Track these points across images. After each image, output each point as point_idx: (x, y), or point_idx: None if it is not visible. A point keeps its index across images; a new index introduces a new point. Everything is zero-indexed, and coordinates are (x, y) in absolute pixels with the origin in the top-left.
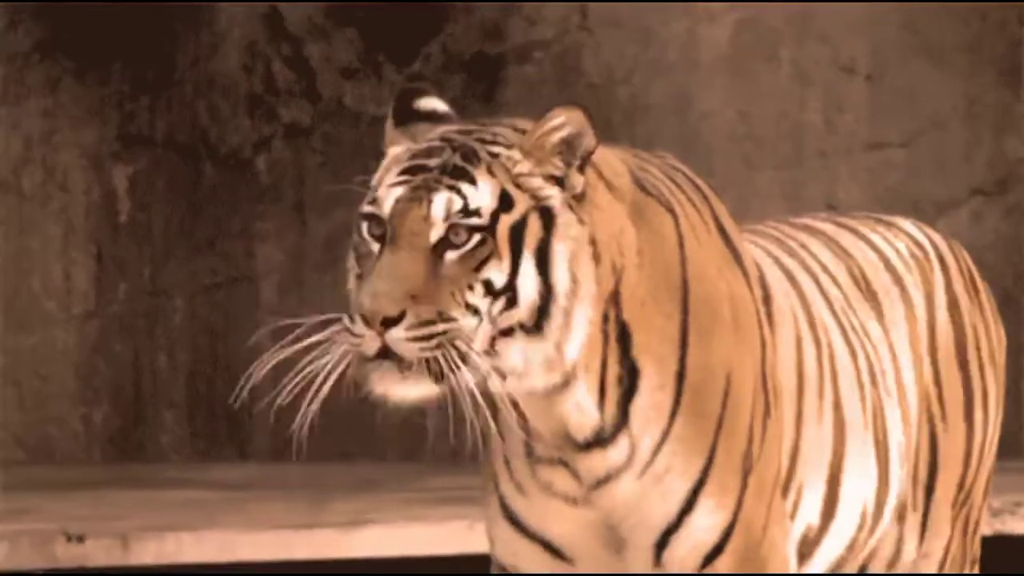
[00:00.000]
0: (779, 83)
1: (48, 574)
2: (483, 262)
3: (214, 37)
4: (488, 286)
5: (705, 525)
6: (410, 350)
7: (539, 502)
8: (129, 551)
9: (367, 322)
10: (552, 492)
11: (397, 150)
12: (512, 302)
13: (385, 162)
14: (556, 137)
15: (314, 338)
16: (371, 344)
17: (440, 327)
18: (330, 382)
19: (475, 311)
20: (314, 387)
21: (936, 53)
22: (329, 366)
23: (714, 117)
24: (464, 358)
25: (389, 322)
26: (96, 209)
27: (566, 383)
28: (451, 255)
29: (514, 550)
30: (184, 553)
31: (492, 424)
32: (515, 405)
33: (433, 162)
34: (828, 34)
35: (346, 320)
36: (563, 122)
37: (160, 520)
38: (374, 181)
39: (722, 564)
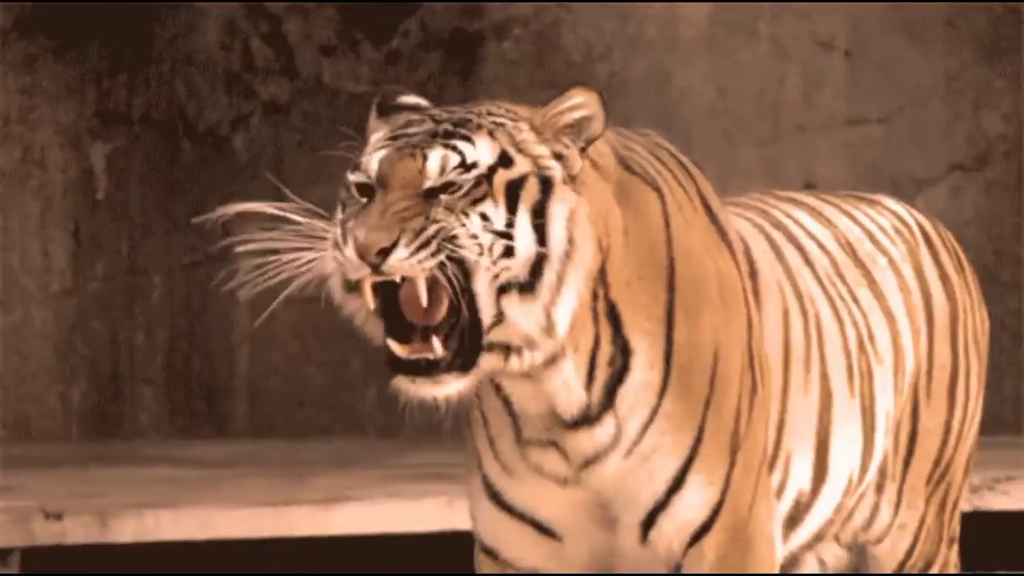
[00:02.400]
0: (758, 59)
1: (26, 551)
2: (478, 201)
3: (192, 14)
4: (484, 218)
5: (694, 503)
6: (413, 267)
7: (528, 483)
8: (107, 528)
9: (360, 255)
10: (542, 473)
11: (380, 132)
12: (509, 251)
13: (368, 145)
14: (571, 117)
15: (297, 238)
16: (359, 272)
17: (433, 228)
18: (299, 276)
19: (473, 233)
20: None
21: (915, 29)
22: (304, 264)
23: (693, 94)
24: (469, 260)
25: (383, 253)
26: (74, 187)
27: (555, 360)
28: (445, 196)
29: (498, 528)
30: (162, 530)
31: (476, 404)
32: (498, 389)
33: (414, 130)
34: (807, 10)
35: (337, 234)
36: (581, 102)
37: (138, 497)
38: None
39: (709, 542)
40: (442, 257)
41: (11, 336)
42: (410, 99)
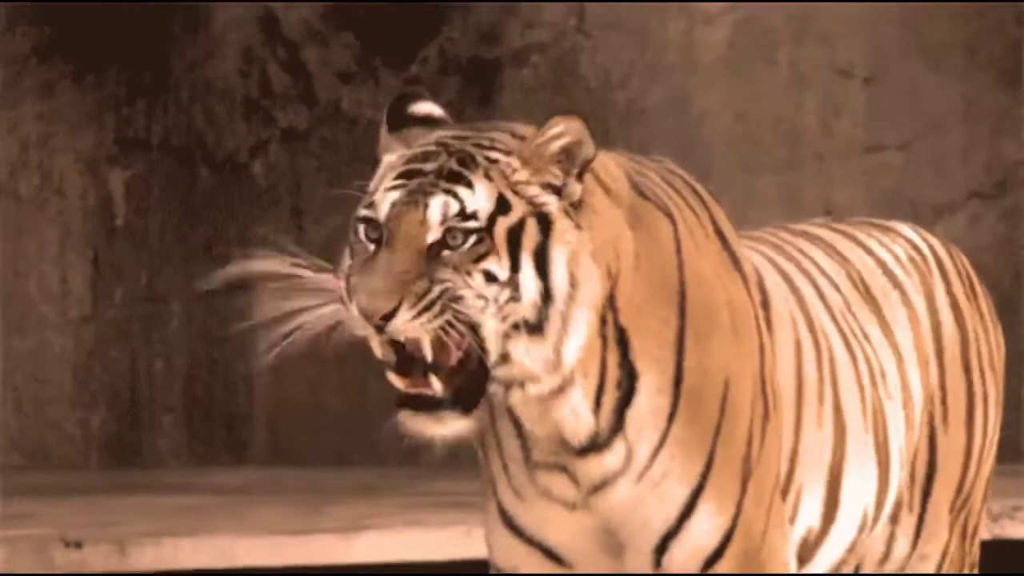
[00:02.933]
0: (777, 85)
1: None
2: (481, 257)
3: (210, 41)
4: (488, 276)
5: (705, 529)
6: (416, 329)
7: (538, 507)
8: (127, 557)
9: (365, 317)
10: (551, 497)
11: (392, 157)
12: (516, 296)
13: (380, 169)
14: (555, 146)
15: (310, 301)
16: (364, 329)
17: (436, 289)
18: (320, 323)
19: (479, 296)
20: (302, 329)
21: (934, 55)
22: (323, 317)
23: (711, 120)
24: (474, 314)
25: (387, 317)
26: (93, 213)
27: (563, 388)
28: (447, 254)
29: (512, 555)
30: (182, 559)
31: (491, 428)
32: (510, 411)
33: (429, 166)
34: (826, 36)
35: (343, 293)
36: (562, 131)
37: (158, 525)
38: (371, 187)
39: (722, 568)
40: (447, 317)
41: (30, 363)
42: (422, 108)
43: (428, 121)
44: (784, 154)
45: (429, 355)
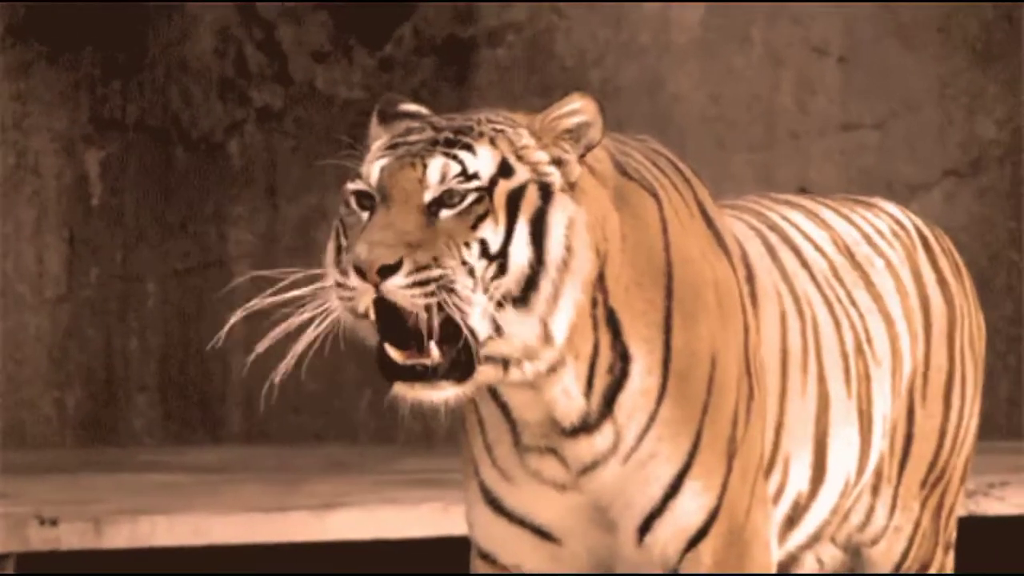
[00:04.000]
0: (751, 65)
1: (21, 556)
2: (479, 220)
3: (186, 21)
4: (483, 246)
5: (691, 508)
6: (407, 298)
7: (527, 489)
8: (102, 534)
9: (361, 274)
10: (541, 479)
11: (380, 140)
12: (502, 270)
13: (369, 153)
14: (569, 122)
15: (296, 292)
16: (364, 298)
17: (436, 272)
18: (313, 335)
19: (471, 271)
20: (300, 341)
21: (908, 34)
22: (315, 320)
23: (686, 99)
24: (463, 305)
25: (385, 272)
26: (68, 193)
27: (555, 368)
28: (446, 213)
29: (495, 533)
30: (157, 536)
31: (472, 410)
32: (496, 397)
33: (414, 138)
34: (800, 15)
35: (336, 274)
36: (579, 108)
37: (133, 503)
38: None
39: (706, 547)
40: (436, 300)
41: (6, 342)
42: (411, 106)
43: (417, 117)
44: (759, 133)
45: (426, 321)
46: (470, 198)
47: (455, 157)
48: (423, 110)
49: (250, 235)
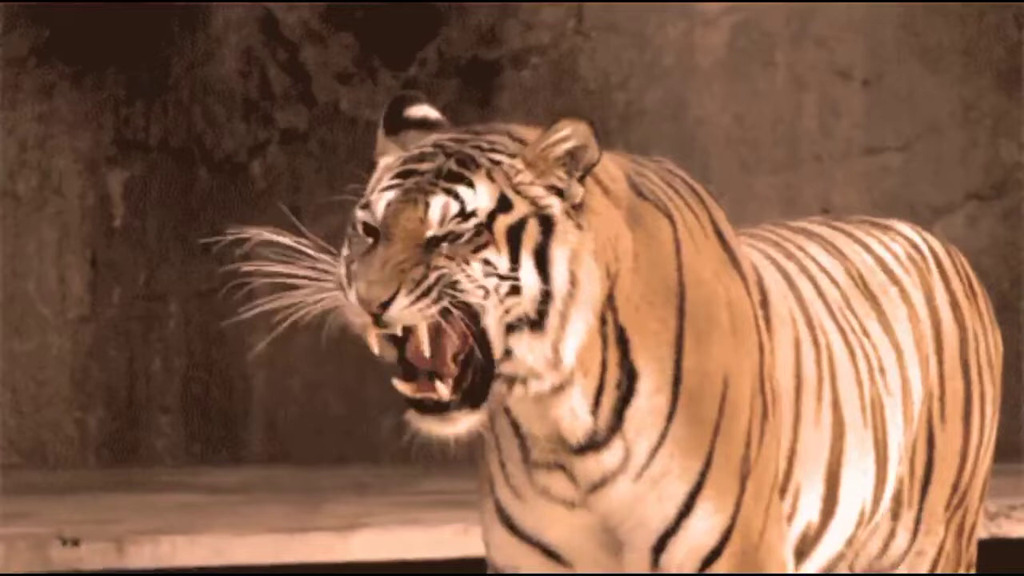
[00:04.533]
0: (775, 88)
1: None
2: (480, 248)
3: (210, 41)
4: (487, 265)
5: (703, 528)
6: (414, 315)
7: (536, 506)
8: (124, 555)
9: (363, 305)
10: (550, 496)
11: (388, 159)
12: (516, 289)
13: (377, 172)
14: (560, 149)
15: (308, 272)
16: (361, 317)
17: (433, 276)
18: (313, 303)
19: (475, 279)
20: (298, 312)
21: (932, 57)
22: (322, 301)
23: (710, 122)
24: (472, 308)
25: (384, 305)
26: (91, 214)
27: (562, 387)
28: (446, 246)
29: (510, 554)
30: (179, 557)
31: (489, 427)
32: (507, 411)
33: (425, 166)
34: (824, 38)
35: (342, 277)
36: (568, 134)
37: (155, 524)
38: (368, 190)
39: (720, 567)
40: (444, 303)
41: (28, 363)
42: (418, 111)
43: (425, 124)
44: (783, 156)
45: (427, 350)
46: (470, 232)
47: (456, 195)
48: (431, 114)
49: (270, 254)
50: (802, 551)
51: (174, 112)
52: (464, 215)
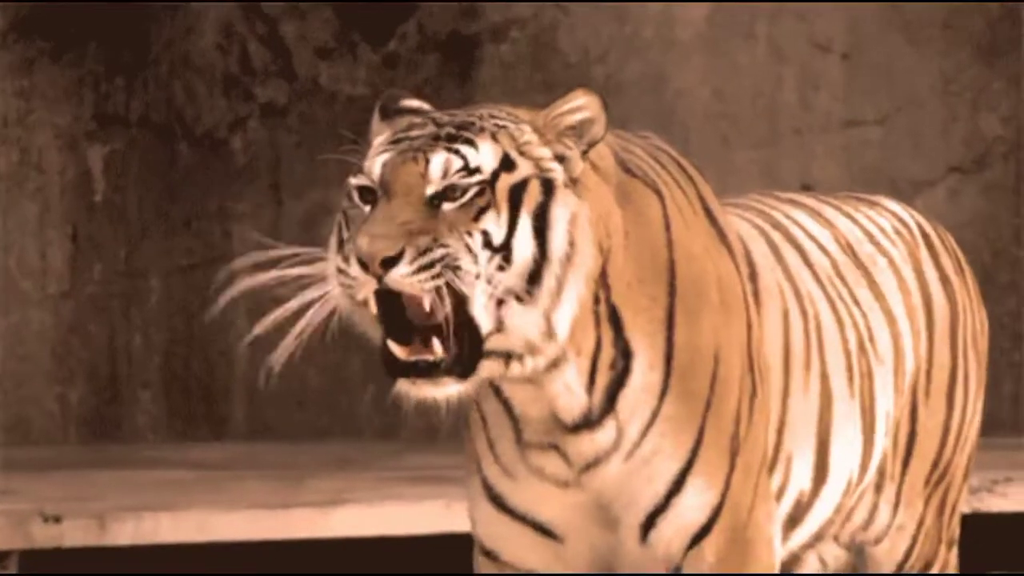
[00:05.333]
0: (755, 61)
1: (24, 553)
2: (481, 212)
3: (189, 17)
4: (486, 237)
5: (693, 505)
6: (414, 285)
7: (529, 485)
8: (106, 531)
9: (364, 266)
10: (543, 476)
11: (381, 137)
12: (505, 263)
13: (372, 148)
14: (572, 118)
15: (298, 270)
16: (365, 288)
17: (439, 252)
18: (314, 319)
19: (475, 259)
20: (300, 322)
21: (912, 30)
22: (314, 304)
23: (690, 95)
24: (470, 282)
25: (388, 263)
26: (72, 189)
27: (556, 364)
28: (448, 205)
29: (498, 531)
30: (161, 533)
31: (475, 407)
32: (498, 392)
33: (416, 133)
34: (804, 12)
35: (339, 261)
36: (582, 105)
37: (137, 500)
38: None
39: (709, 544)
40: (443, 282)
41: (9, 339)
42: (413, 102)
43: (419, 113)
44: (763, 129)
45: (428, 303)
46: (472, 191)
47: (457, 152)
48: (425, 106)
49: (254, 231)
50: (795, 518)
51: (154, 87)
52: (467, 170)
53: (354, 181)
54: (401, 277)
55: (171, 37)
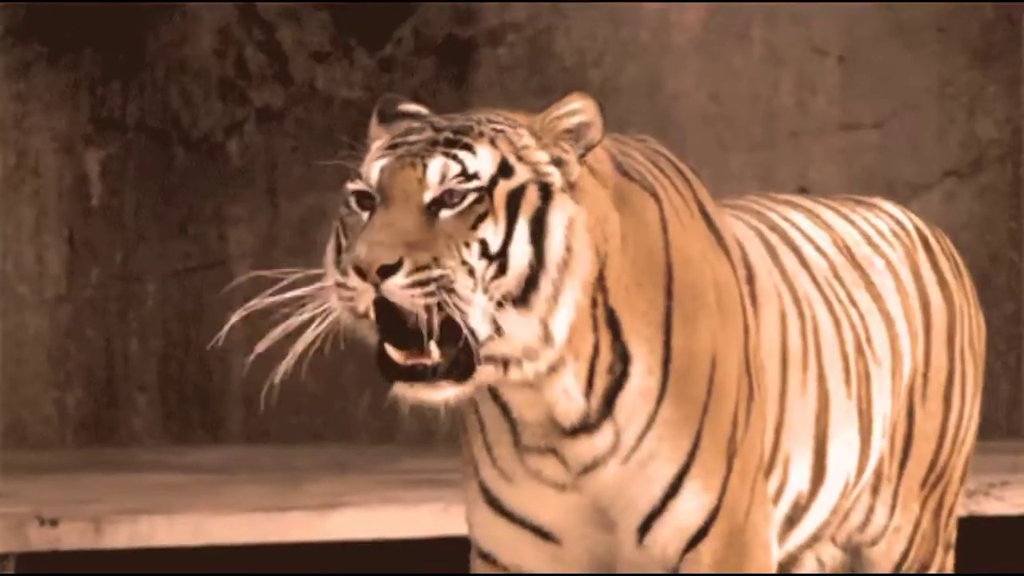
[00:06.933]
0: (751, 64)
1: (21, 556)
2: (479, 220)
3: (186, 21)
4: (483, 246)
5: (691, 508)
6: (407, 299)
7: (527, 489)
8: (102, 534)
9: (361, 274)
10: (541, 479)
11: (380, 140)
12: (502, 270)
13: (369, 153)
14: (569, 122)
15: (297, 292)
16: (364, 297)
17: (436, 272)
18: (313, 335)
19: (471, 271)
20: (300, 341)
21: (908, 34)
22: (315, 320)
23: (686, 99)
24: (464, 305)
25: (386, 271)
26: (68, 193)
27: (555, 368)
28: (446, 213)
29: (495, 534)
30: (157, 536)
31: (472, 410)
32: (496, 397)
33: (414, 137)
34: (800, 14)
35: (336, 274)
36: (579, 108)
37: (133, 503)
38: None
39: (706, 547)
40: (435, 301)
41: (5, 342)
42: (411, 107)
43: (418, 117)
44: (759, 133)
45: (424, 320)
46: (470, 198)
47: (455, 157)
48: (423, 110)
49: (250, 235)
50: (793, 519)
51: (150, 91)
52: (465, 175)
53: (352, 186)
54: (396, 288)
55: (167, 41)
